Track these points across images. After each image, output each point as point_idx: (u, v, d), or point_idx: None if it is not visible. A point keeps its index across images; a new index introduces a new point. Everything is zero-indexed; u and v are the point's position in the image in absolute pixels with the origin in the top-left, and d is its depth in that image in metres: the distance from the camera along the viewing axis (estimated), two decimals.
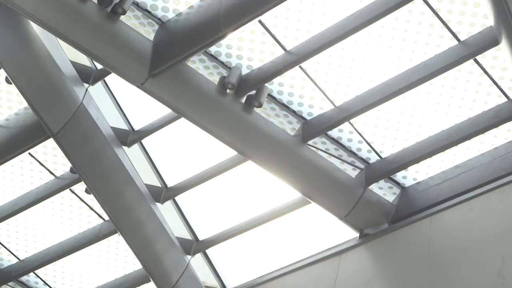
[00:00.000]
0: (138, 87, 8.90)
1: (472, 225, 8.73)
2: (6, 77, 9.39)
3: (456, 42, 8.61)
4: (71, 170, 10.27)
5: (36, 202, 10.79)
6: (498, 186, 8.77)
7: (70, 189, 10.70)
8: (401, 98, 9.10)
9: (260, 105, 9.16)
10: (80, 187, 10.70)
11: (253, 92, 9.20)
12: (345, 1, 8.49)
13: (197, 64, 9.20)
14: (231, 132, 9.22)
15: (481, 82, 8.89)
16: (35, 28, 9.15)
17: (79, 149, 9.71)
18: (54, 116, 9.47)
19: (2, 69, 9.43)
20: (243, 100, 9.23)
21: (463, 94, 9.02)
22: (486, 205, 8.77)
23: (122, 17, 8.75)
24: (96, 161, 9.86)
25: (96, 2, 8.68)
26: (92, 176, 9.94)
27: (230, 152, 9.93)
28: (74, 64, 9.71)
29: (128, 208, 10.25)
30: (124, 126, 10.29)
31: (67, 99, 9.47)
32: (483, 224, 8.64)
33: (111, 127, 10.08)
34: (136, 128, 10.30)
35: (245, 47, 9.09)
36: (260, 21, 8.83)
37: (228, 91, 9.12)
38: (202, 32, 8.62)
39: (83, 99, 9.56)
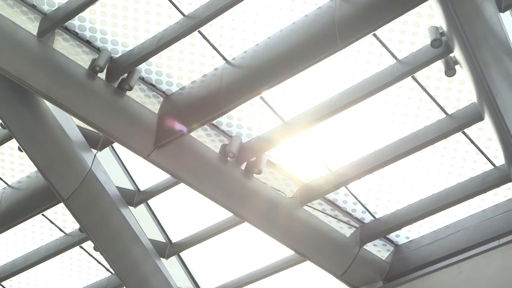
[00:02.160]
0: (144, 158, 9.40)
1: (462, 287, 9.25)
2: (19, 147, 9.88)
3: (444, 115, 9.12)
4: (80, 229, 10.76)
5: (47, 258, 11.28)
6: (486, 250, 9.29)
7: (80, 246, 11.20)
8: (393, 164, 9.60)
9: (259, 172, 9.66)
10: (89, 243, 11.19)
11: (253, 159, 9.70)
12: (340, 80, 9.01)
13: (199, 132, 9.70)
14: (231, 198, 9.73)
15: (468, 150, 9.40)
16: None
17: (88, 213, 10.21)
18: (64, 183, 9.97)
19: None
20: (243, 167, 9.73)
21: (451, 161, 9.53)
22: (474, 268, 9.27)
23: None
24: (104, 223, 10.37)
25: (104, 79, 9.20)
26: (100, 236, 10.44)
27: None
28: (83, 130, 10.19)
29: (135, 266, 10.75)
30: (130, 186, 10.79)
31: (76, 166, 9.96)
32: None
33: (118, 188, 10.57)
34: (141, 188, 10.79)
35: (245, 117, 9.60)
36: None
37: (229, 159, 9.63)
38: (204, 107, 9.14)
39: (91, 165, 10.06)
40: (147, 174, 10.75)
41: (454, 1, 7.61)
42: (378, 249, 10.42)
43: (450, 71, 8.39)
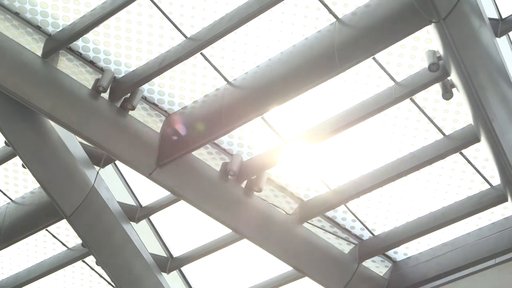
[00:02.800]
0: (146, 176, 9.56)
1: None
2: (22, 164, 10.03)
3: (441, 136, 9.28)
4: (83, 244, 10.90)
5: (50, 272, 11.42)
6: (482, 269, 9.47)
7: (82, 260, 11.35)
8: (391, 183, 9.74)
9: (259, 190, 9.81)
10: (92, 257, 11.33)
11: (254, 177, 9.85)
12: (339, 101, 9.17)
13: (201, 150, 9.84)
14: (231, 216, 9.87)
15: (465, 170, 9.55)
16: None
17: (90, 229, 10.36)
18: (67, 200, 10.11)
19: None
20: (244, 184, 9.88)
21: (448, 180, 9.68)
22: (471, 287, 9.42)
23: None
24: (106, 239, 10.51)
25: (107, 99, 9.36)
26: (102, 252, 10.58)
27: None
28: (86, 147, 10.33)
29: (136, 280, 10.88)
30: (132, 202, 10.93)
31: (79, 183, 10.10)
32: None
33: (120, 203, 10.71)
34: (143, 204, 10.94)
35: (246, 136, 9.75)
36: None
37: (229, 177, 9.78)
38: (206, 127, 9.28)
39: (94, 182, 10.21)
40: (149, 190, 10.90)
41: (451, 28, 7.76)
42: (376, 265, 10.57)
43: (447, 94, 8.54)
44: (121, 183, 10.93)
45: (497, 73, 8.23)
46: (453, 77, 8.31)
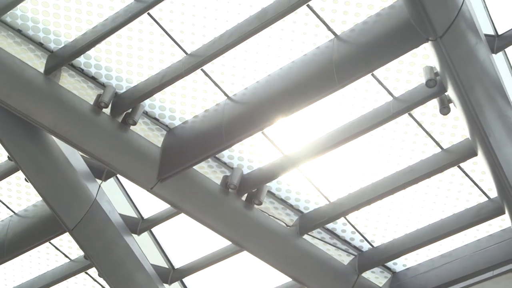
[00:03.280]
0: (148, 191, 9.67)
1: None
2: (25, 178, 10.14)
3: (439, 149, 9.39)
4: (85, 256, 11.01)
5: (53, 284, 11.54)
6: (480, 281, 9.58)
7: (85, 272, 11.47)
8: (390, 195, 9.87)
9: (260, 203, 9.92)
10: (94, 269, 11.43)
11: (254, 190, 9.96)
12: (338, 115, 9.29)
13: (201, 163, 9.94)
14: (232, 229, 10.00)
15: (463, 183, 9.66)
16: None
17: (93, 242, 10.47)
18: (69, 213, 10.22)
19: None
20: (244, 197, 9.99)
21: (446, 193, 9.80)
22: None
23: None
24: (109, 251, 10.62)
25: (108, 114, 9.47)
26: (105, 264, 10.69)
27: None
28: (88, 160, 10.43)
29: None
30: (134, 214, 11.05)
31: (81, 197, 10.21)
32: None
33: (122, 215, 10.82)
34: (145, 216, 11.06)
35: (246, 150, 9.86)
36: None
37: (230, 190, 9.89)
38: (206, 142, 9.40)
39: (96, 195, 10.32)
40: (151, 202, 11.00)
41: (447, 45, 7.87)
42: (376, 276, 10.68)
43: (444, 109, 8.65)
44: (123, 196, 11.04)
45: (494, 88, 8.34)
46: (450, 93, 8.42)
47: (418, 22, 7.87)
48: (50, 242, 11.22)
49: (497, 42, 8.42)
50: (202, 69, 9.20)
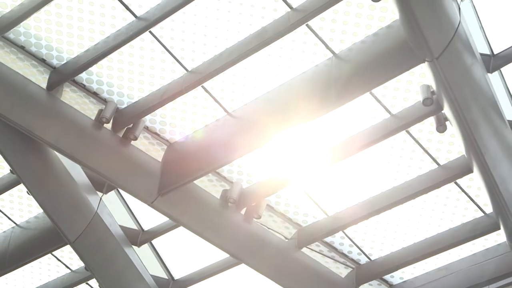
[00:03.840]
0: (148, 205, 9.80)
1: None
2: (27, 191, 10.27)
3: (436, 165, 9.52)
4: (86, 268, 11.13)
5: None
6: None
7: (86, 282, 11.61)
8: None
9: (259, 217, 10.05)
10: (95, 280, 11.56)
11: (253, 204, 10.09)
12: (335, 132, 9.42)
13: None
14: (231, 242, 10.11)
15: (459, 198, 9.80)
16: None
17: (94, 254, 10.60)
18: (71, 226, 10.34)
19: None
20: (243, 211, 10.12)
21: (443, 208, 9.93)
22: None
23: None
24: (109, 263, 10.75)
25: (110, 129, 9.60)
26: (105, 276, 10.82)
27: None
28: (89, 173, 10.54)
29: None
30: (134, 226, 11.17)
31: (83, 210, 10.33)
32: None
33: (122, 227, 10.95)
34: (145, 228, 11.18)
35: (245, 164, 9.99)
36: None
37: (229, 204, 10.02)
38: (207, 157, 9.52)
39: (97, 208, 10.44)
40: (151, 214, 11.12)
41: (444, 66, 8.00)
42: None
43: (441, 127, 8.77)
44: (123, 208, 11.17)
45: (489, 108, 8.47)
46: (446, 111, 8.55)
47: (415, 43, 8.00)
48: (51, 253, 11.35)
49: (493, 61, 8.55)
50: (202, 86, 9.33)
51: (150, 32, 8.99)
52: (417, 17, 7.77)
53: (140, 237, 11.09)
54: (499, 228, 9.62)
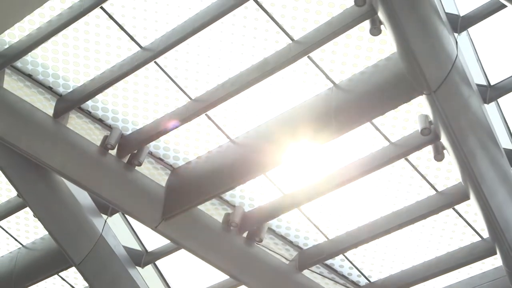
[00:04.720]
0: (152, 229, 10.00)
1: None
2: (34, 214, 10.48)
3: (434, 192, 9.72)
4: None
5: None
6: None
7: None
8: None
9: (261, 241, 10.25)
10: None
11: (255, 228, 10.29)
12: (336, 158, 9.62)
13: None
14: (233, 265, 10.32)
15: (457, 223, 10.00)
16: None
17: (99, 276, 10.79)
18: (76, 249, 10.54)
19: None
20: (245, 235, 10.32)
21: (441, 232, 10.13)
22: None
23: None
24: (114, 285, 10.92)
25: (114, 155, 9.81)
26: None
27: None
28: (94, 196, 10.70)
29: None
30: (138, 247, 11.36)
31: (88, 232, 10.54)
32: None
33: (126, 248, 11.14)
34: (149, 249, 11.38)
35: (247, 189, 10.19)
36: None
37: (232, 228, 10.22)
38: (209, 182, 9.73)
39: (102, 231, 10.65)
40: (155, 236, 11.30)
41: (441, 99, 8.21)
42: None
43: (439, 156, 8.96)
44: (127, 229, 11.36)
45: (486, 138, 8.67)
46: (444, 141, 8.75)
47: (413, 77, 8.20)
48: (57, 274, 11.55)
49: (490, 92, 8.74)
50: (205, 114, 9.53)
51: (155, 61, 9.19)
52: (415, 52, 7.99)
53: (144, 258, 11.28)
54: (496, 253, 9.81)
